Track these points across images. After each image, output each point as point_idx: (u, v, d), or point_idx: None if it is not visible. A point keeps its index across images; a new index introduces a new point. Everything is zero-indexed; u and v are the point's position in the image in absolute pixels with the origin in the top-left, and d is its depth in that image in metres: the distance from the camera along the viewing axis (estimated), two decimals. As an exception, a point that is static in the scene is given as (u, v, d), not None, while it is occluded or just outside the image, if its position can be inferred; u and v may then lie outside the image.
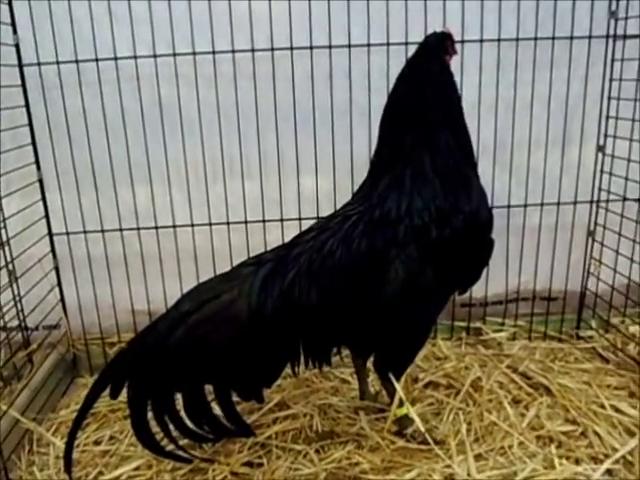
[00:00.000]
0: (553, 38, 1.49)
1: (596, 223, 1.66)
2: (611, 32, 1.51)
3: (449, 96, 1.16)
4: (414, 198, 1.11)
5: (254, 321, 1.08)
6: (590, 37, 1.50)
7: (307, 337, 1.14)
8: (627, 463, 1.18)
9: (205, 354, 1.07)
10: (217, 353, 1.08)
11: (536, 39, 1.49)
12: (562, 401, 1.37)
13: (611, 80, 1.54)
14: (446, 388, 1.46)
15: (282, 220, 1.58)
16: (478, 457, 1.20)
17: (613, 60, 1.53)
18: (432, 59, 1.16)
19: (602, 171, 1.61)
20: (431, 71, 1.15)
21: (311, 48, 1.46)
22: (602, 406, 1.35)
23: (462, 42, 1.44)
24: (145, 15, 1.43)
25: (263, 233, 1.59)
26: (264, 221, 1.60)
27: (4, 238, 1.42)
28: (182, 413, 1.13)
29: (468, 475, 1.15)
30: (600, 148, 1.60)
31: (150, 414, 1.11)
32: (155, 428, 1.12)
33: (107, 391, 1.09)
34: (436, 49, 1.17)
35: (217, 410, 1.15)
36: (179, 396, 1.12)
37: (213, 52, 1.46)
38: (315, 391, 1.46)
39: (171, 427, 1.13)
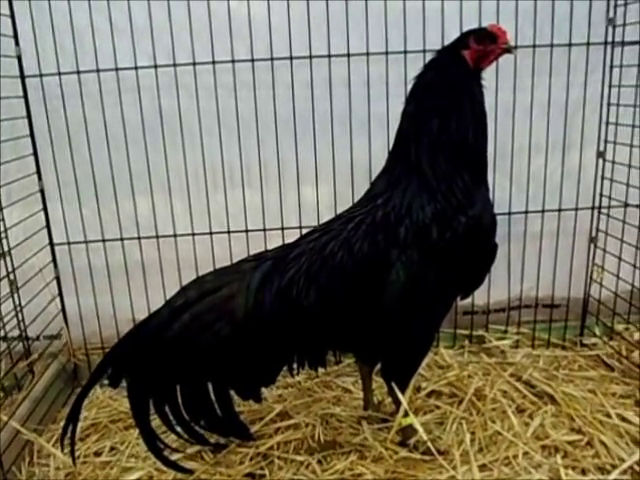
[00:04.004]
0: (551, 45, 1.50)
1: (598, 229, 1.66)
2: (609, 39, 1.51)
3: (441, 90, 1.12)
4: (415, 200, 1.11)
5: (250, 318, 1.08)
6: (588, 44, 1.50)
7: (303, 337, 1.13)
8: (635, 473, 1.16)
9: (200, 348, 1.08)
10: (212, 347, 1.08)
11: (535, 46, 1.50)
12: (567, 410, 1.35)
13: (610, 86, 1.54)
14: (449, 397, 1.44)
15: (283, 229, 1.58)
16: (482, 467, 1.19)
17: (612, 66, 1.53)
18: (432, 62, 1.16)
19: (603, 177, 1.61)
20: (426, 67, 1.15)
21: (310, 57, 1.47)
22: (608, 415, 1.33)
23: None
24: (145, 26, 1.44)
25: (264, 242, 1.58)
26: (265, 230, 1.60)
27: (5, 248, 1.43)
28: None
29: (473, 486, 1.13)
30: (600, 154, 1.60)
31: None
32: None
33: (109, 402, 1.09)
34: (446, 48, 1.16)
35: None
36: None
37: (213, 62, 1.47)
38: (317, 401, 1.45)
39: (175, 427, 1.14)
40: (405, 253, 1.09)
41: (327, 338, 1.16)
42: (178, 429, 1.16)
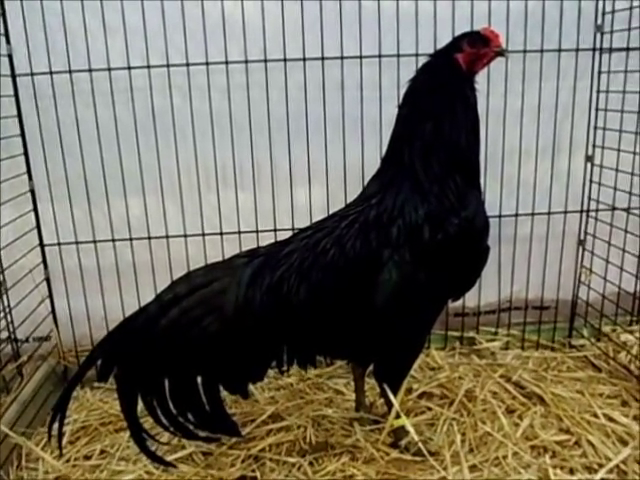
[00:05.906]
0: (542, 51, 1.52)
1: (586, 232, 1.68)
2: (597, 45, 1.54)
3: (435, 93, 1.12)
4: (408, 201, 1.11)
5: (240, 313, 1.09)
6: (577, 50, 1.53)
7: (293, 335, 1.14)
8: (621, 472, 1.18)
9: (188, 342, 1.08)
10: (200, 342, 1.08)
11: (525, 52, 1.52)
12: (555, 410, 1.37)
13: (598, 92, 1.57)
14: (440, 398, 1.45)
15: (275, 230, 1.59)
16: (473, 468, 1.20)
17: (600, 72, 1.56)
18: (425, 65, 1.16)
19: (591, 181, 1.63)
20: (420, 71, 1.17)
21: (304, 60, 1.48)
22: (595, 415, 1.35)
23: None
24: (139, 26, 1.43)
25: (256, 243, 1.58)
26: (257, 231, 1.60)
27: (-6, 249, 1.41)
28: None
29: (463, 486, 1.15)
30: (589, 158, 1.62)
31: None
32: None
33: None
34: (439, 51, 1.17)
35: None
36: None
37: (207, 63, 1.47)
38: (309, 402, 1.45)
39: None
40: (397, 253, 1.09)
41: (317, 337, 1.15)
42: (166, 424, 1.15)
